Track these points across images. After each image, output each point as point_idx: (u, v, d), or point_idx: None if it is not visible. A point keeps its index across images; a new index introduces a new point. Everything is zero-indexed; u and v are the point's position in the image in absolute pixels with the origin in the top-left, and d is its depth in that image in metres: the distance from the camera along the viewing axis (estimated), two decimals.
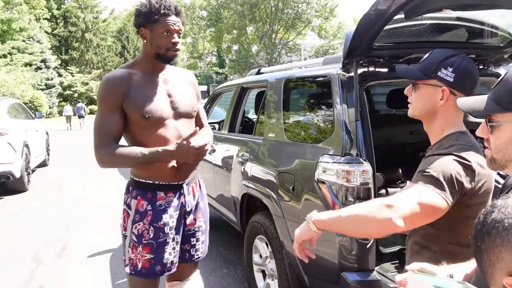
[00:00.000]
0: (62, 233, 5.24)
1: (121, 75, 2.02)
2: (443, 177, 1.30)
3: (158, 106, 2.01)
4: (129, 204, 2.11)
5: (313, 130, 2.80)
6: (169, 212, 2.09)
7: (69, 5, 44.18)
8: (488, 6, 1.98)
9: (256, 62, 33.00)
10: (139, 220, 2.06)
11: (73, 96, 40.37)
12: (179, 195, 2.14)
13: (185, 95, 2.16)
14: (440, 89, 1.41)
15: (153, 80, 2.07)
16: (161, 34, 1.98)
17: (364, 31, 2.27)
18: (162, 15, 1.96)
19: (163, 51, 2.00)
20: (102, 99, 2.00)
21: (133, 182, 2.12)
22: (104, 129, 1.98)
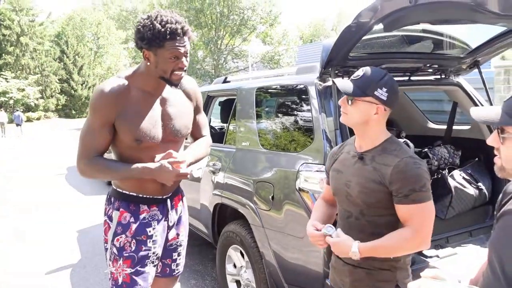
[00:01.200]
0: (15, 249, 4.93)
1: (118, 89, 1.89)
2: (428, 184, 1.57)
3: (152, 130, 1.94)
4: (110, 215, 2.04)
5: (290, 139, 2.82)
6: (152, 225, 2.05)
7: (2, 7, 41.72)
8: (467, 21, 2.10)
9: (202, 68, 32.81)
10: (121, 232, 2.00)
11: (8, 103, 38.13)
12: (162, 209, 2.09)
13: (181, 117, 2.06)
14: (375, 105, 1.61)
15: (151, 102, 1.97)
16: (167, 59, 1.84)
17: (343, 43, 2.34)
18: (169, 40, 1.80)
19: (169, 75, 1.89)
20: (94, 110, 1.90)
21: (116, 193, 2.06)
22: (90, 142, 1.91)
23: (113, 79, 1.95)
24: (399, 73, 3.04)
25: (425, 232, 1.56)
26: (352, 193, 1.68)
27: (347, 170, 1.73)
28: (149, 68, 1.91)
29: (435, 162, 3.17)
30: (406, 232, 1.56)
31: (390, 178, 1.57)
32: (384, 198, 1.60)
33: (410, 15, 2.06)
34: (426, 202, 1.55)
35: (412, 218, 1.55)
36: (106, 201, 2.10)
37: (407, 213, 1.56)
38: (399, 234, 1.57)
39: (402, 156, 1.59)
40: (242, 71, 31.08)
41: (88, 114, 1.94)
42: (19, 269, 4.36)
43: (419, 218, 1.55)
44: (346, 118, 1.69)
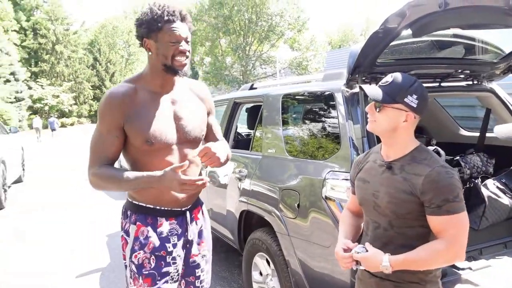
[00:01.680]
0: (44, 251, 5.05)
1: (125, 92, 1.83)
2: (461, 194, 1.52)
3: (164, 131, 1.85)
4: (127, 230, 1.92)
5: (316, 147, 2.79)
6: (172, 240, 1.92)
7: (39, 16, 43.25)
8: (499, 26, 2.03)
9: (230, 74, 33.04)
10: (139, 248, 1.88)
11: (44, 109, 39.43)
12: (182, 222, 1.97)
13: (194, 117, 1.98)
14: (404, 112, 1.57)
15: (159, 100, 1.89)
16: (167, 43, 1.80)
17: (371, 49, 2.30)
18: (167, 22, 1.79)
19: (170, 61, 1.82)
20: (102, 116, 1.84)
21: (131, 206, 1.94)
22: (99, 149, 1.83)
23: (119, 84, 1.90)
24: (429, 79, 2.97)
25: (459, 245, 1.51)
26: (380, 204, 1.64)
27: (374, 179, 1.69)
28: (152, 60, 1.86)
29: (467, 170, 3.08)
30: (439, 245, 1.51)
31: (422, 188, 1.52)
32: (415, 209, 1.56)
33: (440, 20, 2.01)
34: (460, 213, 1.50)
35: (446, 230, 1.50)
36: (122, 215, 1.98)
37: (441, 224, 1.51)
38: (432, 246, 1.52)
39: (433, 165, 1.54)
40: (270, 77, 31.13)
41: (97, 121, 1.88)
42: (54, 270, 4.47)
43: (452, 230, 1.50)
44: (374, 126, 1.65)
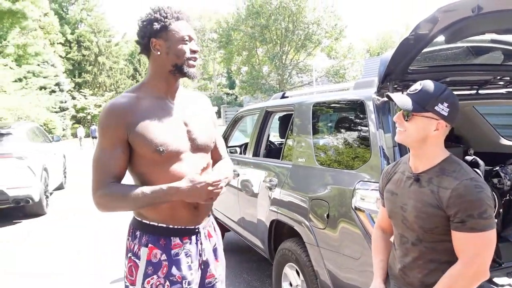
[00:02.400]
0: (82, 257, 5.19)
1: (125, 102, 1.69)
2: (490, 211, 1.44)
3: (175, 137, 1.71)
4: (136, 253, 1.73)
5: (346, 156, 2.74)
6: (186, 262, 1.76)
7: (83, 29, 45.02)
8: None
9: (267, 83, 33.16)
10: (152, 273, 1.71)
11: (86, 118, 40.86)
12: (196, 241, 1.80)
13: (204, 124, 1.86)
14: (435, 121, 1.50)
15: (166, 105, 1.76)
16: (179, 41, 1.70)
17: (402, 56, 2.25)
18: (176, 19, 1.72)
19: (182, 61, 1.71)
20: (103, 131, 1.67)
21: (140, 225, 1.76)
22: (104, 167, 1.66)
23: (120, 95, 1.77)
24: (466, 87, 2.87)
25: (478, 265, 1.43)
26: (408, 218, 1.58)
27: (402, 192, 1.63)
28: (159, 62, 1.73)
29: (508, 182, 2.93)
30: (456, 269, 1.46)
31: (448, 202, 1.45)
32: (443, 223, 1.49)
33: (474, 25, 1.94)
34: (484, 232, 1.41)
35: (465, 248, 1.44)
36: (129, 236, 1.79)
37: (461, 242, 1.44)
38: (450, 273, 1.47)
39: (462, 178, 1.46)
40: (306, 86, 31.04)
41: (98, 136, 1.71)
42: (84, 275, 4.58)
43: (472, 249, 1.43)
44: (403, 136, 1.57)
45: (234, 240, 5.06)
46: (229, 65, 42.36)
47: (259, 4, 31.46)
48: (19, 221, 7.23)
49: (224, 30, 35.50)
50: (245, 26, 32.88)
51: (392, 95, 1.62)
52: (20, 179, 6.82)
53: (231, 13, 35.08)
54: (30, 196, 6.94)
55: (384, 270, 1.77)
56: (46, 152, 8.39)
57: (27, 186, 6.89)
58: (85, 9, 46.52)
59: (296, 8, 31.46)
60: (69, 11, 46.24)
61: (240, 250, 5.01)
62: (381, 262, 1.79)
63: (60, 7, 45.01)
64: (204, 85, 57.28)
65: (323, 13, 32.30)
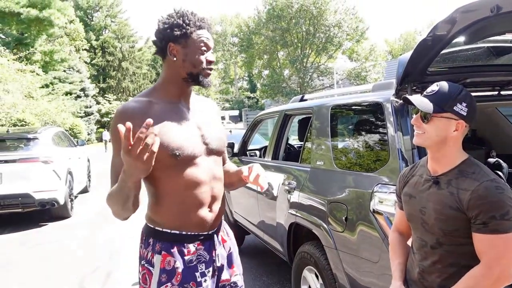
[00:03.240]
0: (106, 261, 5.28)
1: (139, 106, 1.65)
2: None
3: (190, 141, 1.68)
4: (150, 260, 1.71)
5: (365, 159, 2.73)
6: (200, 269, 1.74)
7: (107, 35, 45.93)
8: None
9: (288, 86, 33.13)
10: (166, 281, 1.69)
11: (110, 122, 41.61)
12: (209, 247, 1.78)
13: (216, 128, 1.84)
14: (454, 121, 1.50)
15: (179, 109, 1.74)
16: (197, 50, 1.68)
17: (420, 57, 2.23)
18: (198, 28, 1.69)
19: (198, 69, 1.69)
20: (115, 136, 1.60)
21: (153, 232, 1.73)
22: (116, 173, 1.62)
23: (133, 98, 1.73)
24: (487, 88, 2.82)
25: (501, 267, 1.41)
26: (428, 221, 1.56)
27: (420, 195, 1.61)
28: (174, 67, 1.71)
29: None
30: (478, 270, 1.43)
31: (468, 204, 1.43)
32: (463, 226, 1.46)
33: (493, 25, 1.90)
34: (508, 233, 1.38)
35: (488, 250, 1.41)
36: (142, 243, 1.76)
37: (483, 244, 1.41)
38: (471, 274, 1.44)
39: (482, 179, 1.44)
40: (327, 89, 30.88)
41: (111, 142, 1.66)
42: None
43: (494, 252, 1.40)
44: (423, 139, 1.56)
45: (254, 243, 5.07)
46: (250, 68, 42.54)
47: (280, 7, 31.49)
48: (45, 224, 7.40)
49: (245, 34, 35.66)
50: (265, 30, 32.94)
51: (410, 98, 1.60)
52: (46, 182, 7.00)
53: (251, 17, 35.21)
54: (56, 199, 7.11)
55: (403, 272, 1.75)
56: (71, 156, 8.57)
57: (52, 189, 7.06)
58: (109, 15, 47.47)
59: (317, 11, 31.36)
60: (93, 18, 47.27)
61: (260, 253, 5.02)
62: (400, 265, 1.77)
63: (85, 14, 46.03)
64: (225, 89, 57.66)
65: (344, 15, 32.11)
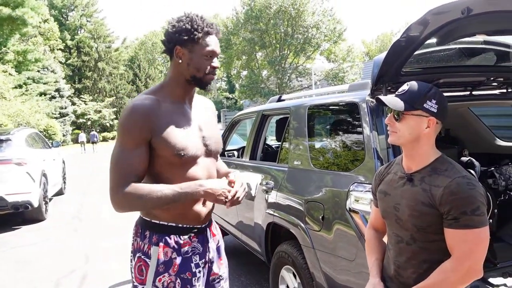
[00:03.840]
0: (82, 263, 5.19)
1: (150, 104, 1.71)
2: (483, 208, 1.44)
3: (193, 142, 1.77)
4: (146, 252, 1.76)
5: (341, 158, 2.75)
6: (195, 260, 1.81)
7: (83, 35, 45.20)
8: None
9: (266, 86, 33.21)
10: (163, 271, 1.74)
11: (86, 124, 40.93)
12: (202, 240, 1.86)
13: (214, 130, 1.94)
14: (426, 118, 1.54)
15: (184, 110, 1.82)
16: (203, 56, 1.74)
17: (394, 58, 2.26)
18: (206, 34, 1.74)
19: (201, 74, 1.76)
20: (127, 131, 1.69)
21: (150, 225, 1.79)
22: (126, 167, 1.66)
23: (141, 96, 1.80)
24: (460, 88, 2.88)
25: (470, 262, 1.44)
26: (402, 217, 1.59)
27: (394, 192, 1.65)
28: (179, 69, 1.78)
29: (503, 182, 2.94)
30: (448, 265, 1.47)
31: (441, 199, 1.46)
32: (436, 222, 1.49)
33: (464, 27, 1.95)
34: (477, 228, 1.42)
35: (459, 245, 1.44)
36: (137, 236, 1.81)
37: (455, 239, 1.45)
38: (442, 268, 1.48)
39: (454, 176, 1.48)
40: (306, 89, 31.09)
41: (118, 136, 1.72)
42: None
43: (464, 246, 1.43)
44: (396, 137, 1.59)
45: (232, 244, 5.06)
46: (229, 69, 42.44)
47: (258, 8, 31.55)
48: (18, 227, 7.24)
49: (224, 35, 35.60)
50: (244, 31, 32.96)
51: (382, 98, 1.63)
52: (19, 185, 6.84)
53: (229, 18, 35.19)
54: (29, 202, 6.95)
55: (380, 268, 1.78)
56: (45, 157, 8.40)
57: (26, 192, 6.90)
58: (85, 15, 46.75)
59: (295, 12, 31.55)
60: (68, 17, 46.47)
61: (238, 253, 5.01)
62: (377, 261, 1.80)
63: (59, 13, 45.23)
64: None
65: (322, 16, 32.38)
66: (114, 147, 1.74)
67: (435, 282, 1.47)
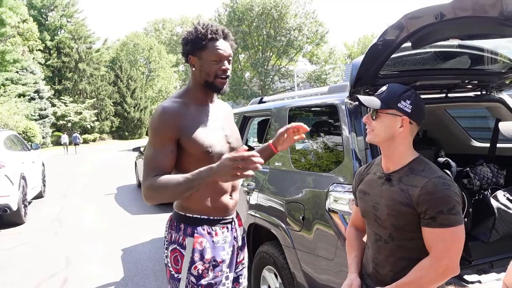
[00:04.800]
0: (62, 267, 5.13)
1: (178, 107, 1.88)
2: (458, 207, 1.49)
3: (218, 140, 1.93)
4: (181, 243, 1.90)
5: (321, 159, 2.80)
6: (225, 248, 1.97)
7: (63, 36, 44.49)
8: (496, 36, 2.02)
9: (249, 88, 33.26)
10: (198, 259, 1.89)
11: (67, 125, 40.32)
12: (231, 230, 2.02)
13: (234, 129, 2.11)
14: (400, 118, 1.59)
15: (207, 112, 1.98)
16: (210, 61, 1.87)
17: (371, 61, 2.31)
18: (210, 40, 1.87)
19: (212, 78, 1.89)
20: (157, 132, 1.85)
21: (184, 218, 1.94)
22: (152, 164, 1.82)
23: (170, 99, 1.95)
24: (435, 90, 2.95)
25: (448, 259, 1.49)
26: (380, 216, 1.64)
27: (374, 192, 1.70)
28: (195, 76, 1.94)
29: (477, 182, 3.02)
30: (427, 262, 1.51)
31: (418, 199, 1.51)
32: (413, 221, 1.55)
33: (438, 32, 2.00)
34: (453, 227, 1.47)
35: (437, 243, 1.49)
36: (172, 229, 1.96)
37: (432, 237, 1.50)
38: (420, 265, 1.52)
39: (430, 176, 1.53)
40: (288, 91, 31.22)
41: (150, 137, 1.89)
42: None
43: (441, 244, 1.48)
44: (373, 135, 1.66)
45: None
46: None
47: (240, 10, 31.59)
48: None
49: None
50: None
51: (360, 97, 1.69)
52: None
53: (212, 19, 35.09)
54: (8, 205, 6.83)
55: (358, 265, 1.82)
56: (24, 160, 8.27)
57: (4, 195, 6.78)
58: (65, 15, 46.08)
59: (277, 14, 31.70)
60: (48, 17, 45.73)
61: None
62: (356, 258, 1.84)
63: (39, 13, 44.49)
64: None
65: (304, 19, 32.60)
66: (146, 148, 1.91)
67: (414, 279, 1.52)
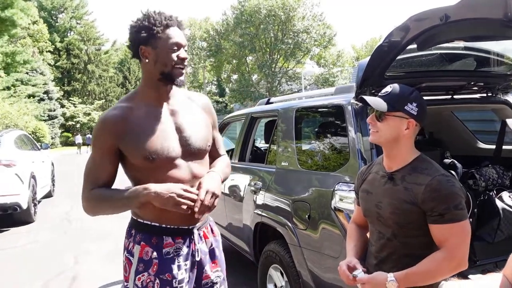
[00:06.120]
0: (71, 265, 5.19)
1: (118, 114, 1.73)
2: (463, 202, 1.52)
3: (165, 144, 1.73)
4: (130, 250, 1.78)
5: (327, 159, 2.84)
6: (177, 262, 1.77)
7: (72, 37, 44.94)
8: (500, 38, 2.05)
9: (256, 90, 33.31)
10: (143, 270, 1.75)
11: (75, 126, 40.65)
12: (189, 241, 1.82)
13: (197, 128, 1.85)
14: (406, 120, 1.60)
15: (157, 113, 1.78)
16: (167, 49, 1.70)
17: (377, 62, 2.35)
18: (166, 27, 1.70)
19: (170, 68, 1.71)
20: (96, 143, 1.75)
21: (135, 224, 1.81)
22: (92, 175, 1.75)
23: (114, 105, 1.82)
24: (441, 92, 2.98)
25: (462, 253, 1.52)
26: (383, 215, 1.66)
27: (376, 190, 1.72)
28: (148, 69, 1.75)
29: (482, 183, 3.04)
30: (441, 255, 1.53)
31: (423, 197, 1.54)
32: (417, 219, 1.57)
33: (442, 33, 2.04)
34: (462, 221, 1.51)
35: (448, 239, 1.51)
36: (126, 234, 1.85)
37: (442, 233, 1.52)
38: (434, 256, 1.54)
39: (434, 174, 1.56)
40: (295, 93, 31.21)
41: (91, 147, 1.81)
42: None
43: (454, 239, 1.51)
44: (377, 136, 1.67)
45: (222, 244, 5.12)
46: (219, 73, 42.48)
47: (248, 12, 31.66)
48: (7, 229, 7.20)
49: (213, 39, 35.61)
50: (234, 35, 33.04)
51: (366, 98, 1.71)
52: (8, 186, 6.80)
53: (219, 22, 35.23)
54: (18, 203, 6.92)
55: (356, 251, 1.82)
56: (34, 159, 8.37)
57: (15, 193, 6.86)
58: (75, 17, 46.50)
59: (285, 16, 31.72)
60: (58, 19, 46.19)
61: (226, 254, 5.05)
62: (355, 247, 1.85)
63: (49, 15, 44.94)
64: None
65: (312, 21, 32.58)
66: (89, 157, 1.81)
67: (426, 270, 1.53)
